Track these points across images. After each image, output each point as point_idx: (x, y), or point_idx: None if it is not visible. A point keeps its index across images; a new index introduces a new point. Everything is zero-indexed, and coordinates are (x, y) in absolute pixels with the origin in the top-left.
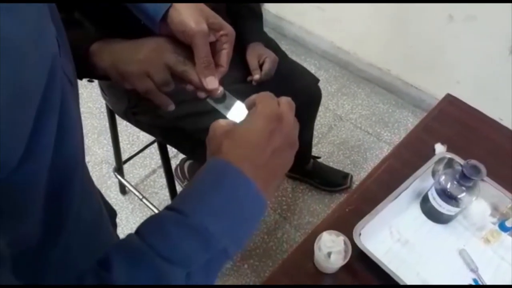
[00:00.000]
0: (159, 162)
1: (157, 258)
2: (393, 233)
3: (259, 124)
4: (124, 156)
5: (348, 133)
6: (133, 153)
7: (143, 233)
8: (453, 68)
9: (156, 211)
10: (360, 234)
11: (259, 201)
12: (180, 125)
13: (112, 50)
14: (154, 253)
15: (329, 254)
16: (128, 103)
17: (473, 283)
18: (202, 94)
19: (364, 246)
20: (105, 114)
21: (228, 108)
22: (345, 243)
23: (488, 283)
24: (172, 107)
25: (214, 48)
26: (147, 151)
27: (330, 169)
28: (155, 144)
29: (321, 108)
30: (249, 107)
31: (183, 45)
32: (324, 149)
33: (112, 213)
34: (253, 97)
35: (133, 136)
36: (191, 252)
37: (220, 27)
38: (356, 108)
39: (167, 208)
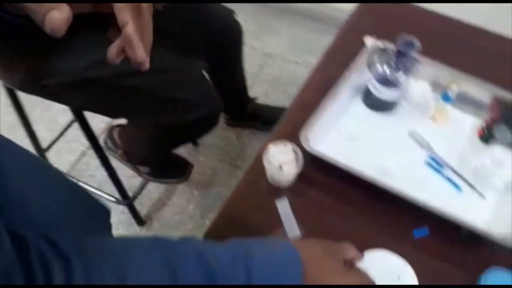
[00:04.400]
0: (87, 143)
1: None
2: (341, 132)
3: None
4: (46, 145)
5: (279, 68)
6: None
7: None
8: None
9: (98, 192)
10: (308, 140)
11: None
12: (96, 77)
13: None
14: None
15: (280, 166)
16: (26, 65)
17: (430, 161)
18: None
19: (315, 150)
20: (12, 107)
21: None
22: (294, 152)
23: (443, 157)
24: None
25: None
26: (71, 135)
27: (269, 108)
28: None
29: (247, 49)
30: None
31: None
32: (259, 89)
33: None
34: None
35: (50, 121)
36: None
37: None
38: (281, 42)
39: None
